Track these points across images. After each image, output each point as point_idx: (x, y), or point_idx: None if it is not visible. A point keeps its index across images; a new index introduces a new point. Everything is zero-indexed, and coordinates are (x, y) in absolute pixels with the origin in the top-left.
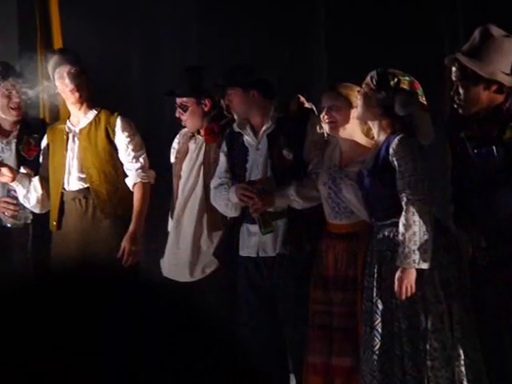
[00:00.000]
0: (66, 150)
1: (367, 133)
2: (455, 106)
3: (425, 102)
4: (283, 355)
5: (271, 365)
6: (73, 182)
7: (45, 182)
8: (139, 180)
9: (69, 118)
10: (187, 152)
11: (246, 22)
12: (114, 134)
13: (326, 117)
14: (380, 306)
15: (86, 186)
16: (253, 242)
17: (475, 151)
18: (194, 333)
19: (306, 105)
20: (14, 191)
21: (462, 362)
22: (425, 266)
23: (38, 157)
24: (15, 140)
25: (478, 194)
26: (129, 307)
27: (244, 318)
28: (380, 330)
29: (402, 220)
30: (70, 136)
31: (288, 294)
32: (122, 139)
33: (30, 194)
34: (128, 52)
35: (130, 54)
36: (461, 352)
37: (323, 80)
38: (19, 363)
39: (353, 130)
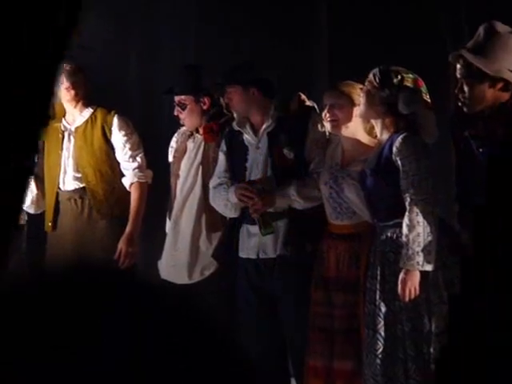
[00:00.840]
0: (62, 148)
1: (370, 131)
2: (459, 103)
3: (429, 100)
4: (284, 357)
5: (271, 367)
6: (68, 181)
7: (40, 182)
8: (136, 180)
9: (64, 116)
10: (185, 151)
11: (246, 22)
12: (110, 133)
13: (327, 115)
14: (383, 309)
15: (81, 185)
16: (253, 243)
17: (480, 150)
18: (193, 336)
19: (308, 103)
20: None
21: None
22: (429, 267)
23: None
24: None
25: (483, 193)
26: (126, 310)
27: (244, 320)
28: (383, 333)
29: (405, 221)
30: (66, 134)
31: (288, 296)
32: (118, 138)
33: None
34: (127, 51)
35: (129, 54)
36: None
37: (323, 80)
38: (15, 365)
39: (355, 129)
